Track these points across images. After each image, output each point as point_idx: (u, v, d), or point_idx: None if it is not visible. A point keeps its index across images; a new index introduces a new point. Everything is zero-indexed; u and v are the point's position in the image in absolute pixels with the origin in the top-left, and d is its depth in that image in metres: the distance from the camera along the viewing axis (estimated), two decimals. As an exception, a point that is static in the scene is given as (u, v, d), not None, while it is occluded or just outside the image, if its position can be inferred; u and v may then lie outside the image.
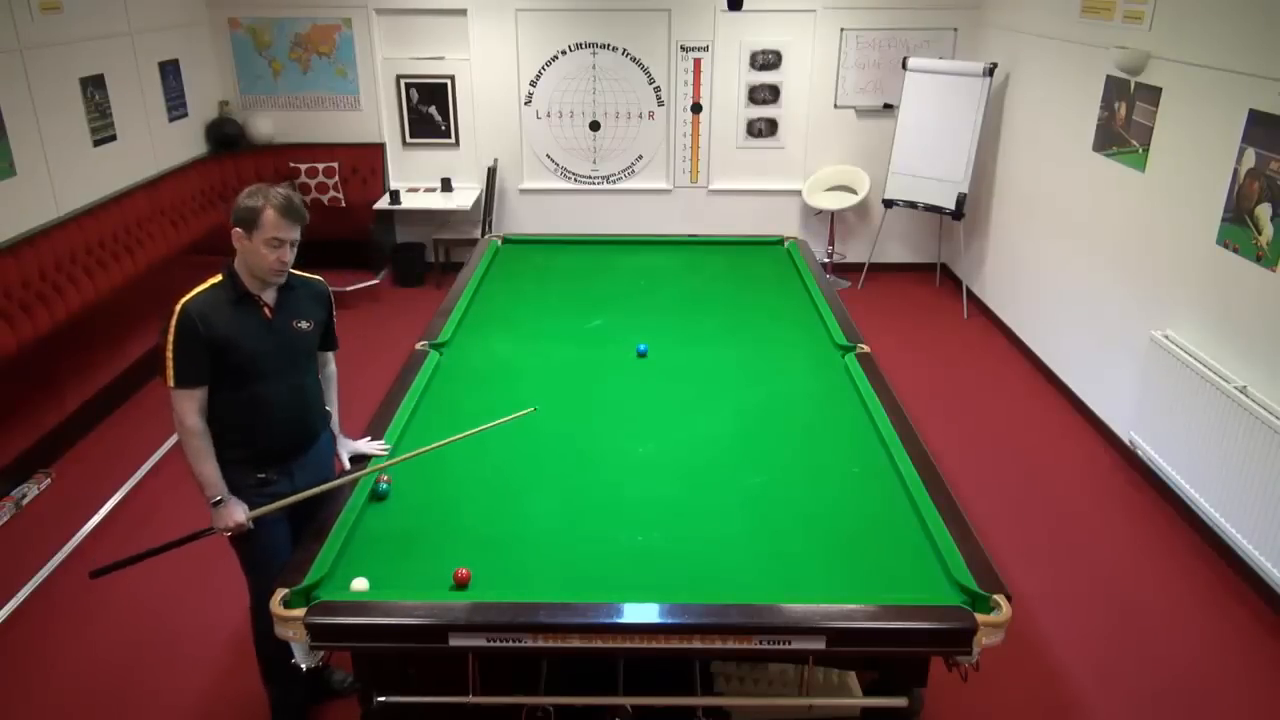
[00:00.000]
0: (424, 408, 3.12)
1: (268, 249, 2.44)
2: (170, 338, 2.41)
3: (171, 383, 2.44)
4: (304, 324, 2.63)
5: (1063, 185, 5.32)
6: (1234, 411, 3.62)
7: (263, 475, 2.57)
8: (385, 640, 2.16)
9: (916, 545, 2.43)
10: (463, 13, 6.73)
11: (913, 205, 6.66)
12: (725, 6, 5.95)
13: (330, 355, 2.88)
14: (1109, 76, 4.73)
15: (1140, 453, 4.34)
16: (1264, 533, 3.48)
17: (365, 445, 2.80)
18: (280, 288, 2.56)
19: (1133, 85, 4.51)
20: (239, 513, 2.49)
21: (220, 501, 2.48)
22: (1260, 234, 3.59)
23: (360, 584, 2.22)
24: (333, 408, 2.83)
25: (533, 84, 6.92)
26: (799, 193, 7.11)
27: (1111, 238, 4.75)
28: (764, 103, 6.97)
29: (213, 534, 2.53)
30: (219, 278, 2.51)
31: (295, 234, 2.49)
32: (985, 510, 4.13)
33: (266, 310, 2.54)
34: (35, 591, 3.62)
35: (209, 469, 2.48)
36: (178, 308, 2.43)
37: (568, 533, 2.48)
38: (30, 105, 4.75)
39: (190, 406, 2.45)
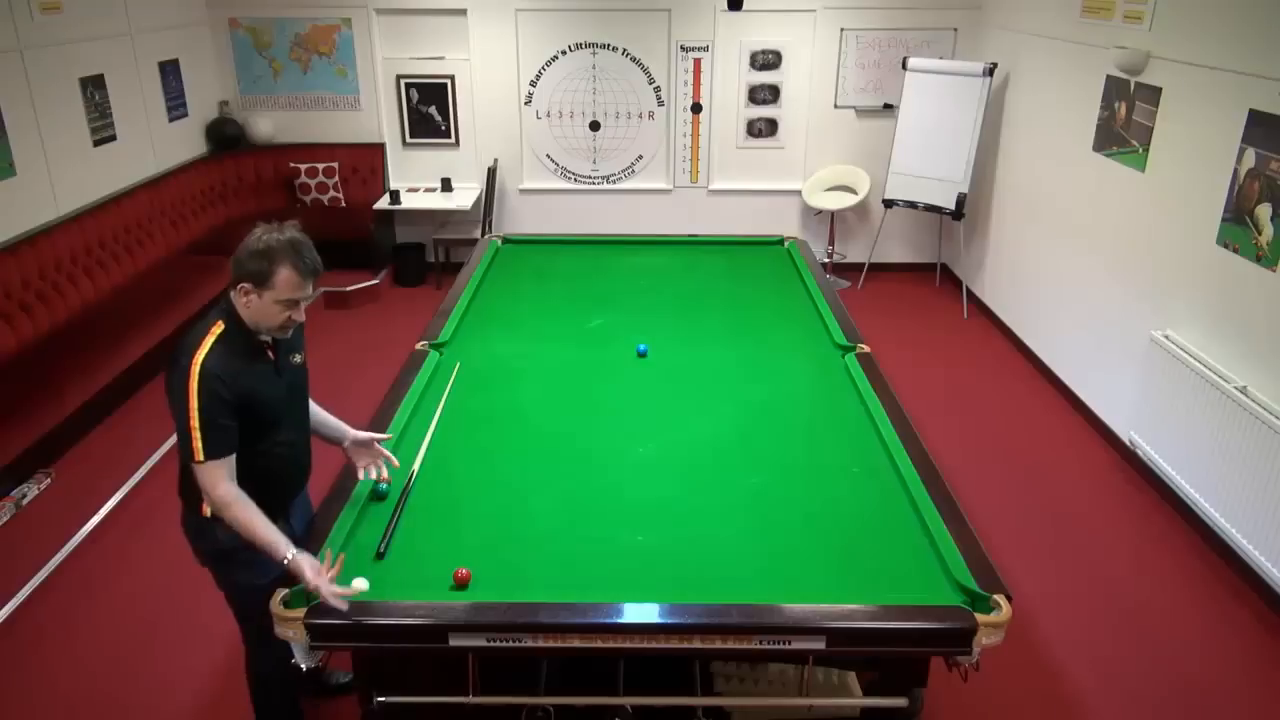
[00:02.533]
0: (423, 408, 3.11)
1: (280, 308, 2.22)
2: (194, 404, 2.12)
3: (201, 457, 2.13)
4: (297, 358, 2.47)
5: (1063, 185, 5.32)
6: (1234, 411, 3.62)
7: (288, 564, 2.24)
8: (385, 640, 2.16)
9: (916, 545, 2.43)
10: (463, 13, 6.73)
11: (913, 205, 6.66)
12: (725, 6, 5.96)
13: None
14: (1109, 76, 4.73)
15: (1140, 453, 4.34)
16: (1264, 533, 3.48)
17: (368, 434, 2.61)
18: None
19: (1133, 85, 4.51)
20: (308, 569, 2.14)
21: (291, 559, 2.15)
22: (1260, 234, 3.59)
23: (360, 584, 2.21)
24: (325, 414, 2.67)
25: (533, 84, 6.92)
26: (799, 193, 7.11)
27: (1111, 238, 4.75)
28: (764, 103, 6.97)
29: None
30: (220, 326, 2.24)
31: (310, 290, 2.24)
32: (985, 510, 4.13)
33: (270, 354, 2.35)
34: (35, 592, 3.61)
35: (267, 529, 2.18)
36: (194, 369, 2.14)
37: (567, 533, 2.48)
38: (30, 105, 4.75)
39: (223, 475, 2.17)
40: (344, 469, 2.70)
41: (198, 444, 2.14)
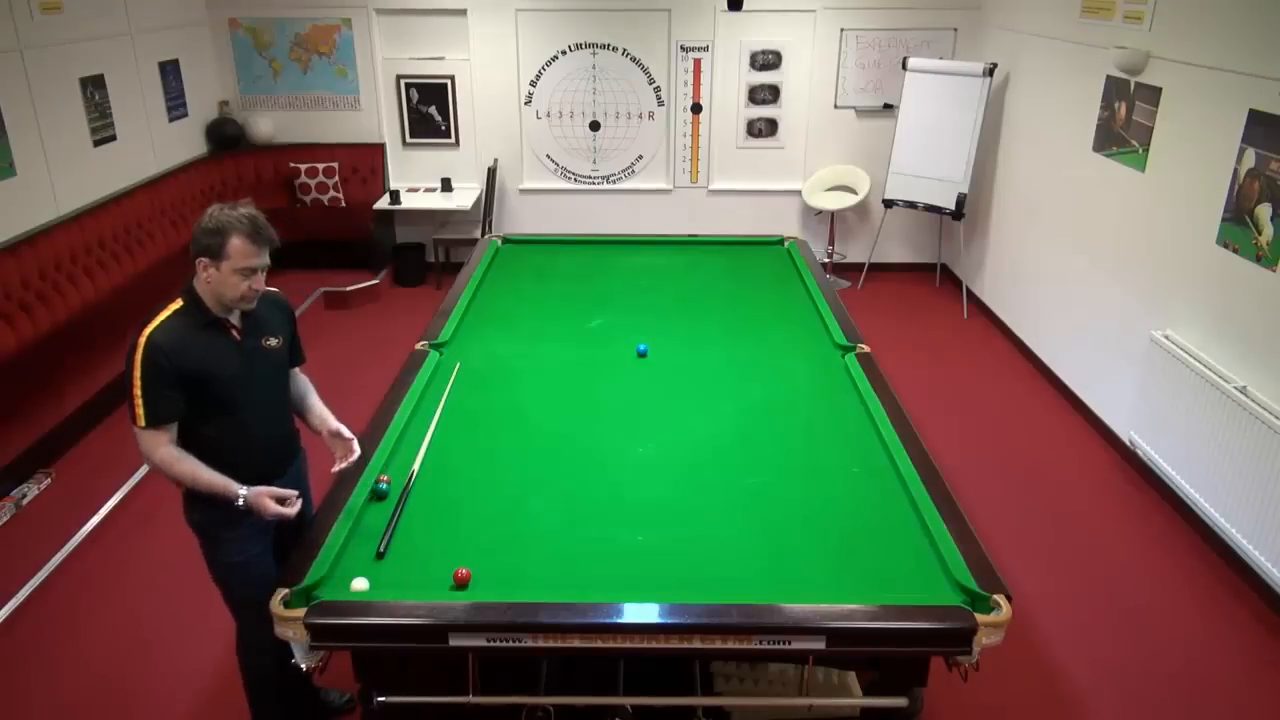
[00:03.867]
0: (423, 408, 3.11)
1: (239, 278, 2.28)
2: (137, 373, 2.23)
3: (142, 423, 2.25)
4: (273, 341, 2.49)
5: (1063, 185, 5.32)
6: (1234, 411, 3.62)
7: (241, 508, 2.35)
8: (385, 640, 2.16)
9: (916, 545, 2.43)
10: (463, 13, 6.73)
11: (913, 205, 6.66)
12: (725, 6, 5.96)
13: (297, 370, 2.69)
14: (1109, 76, 4.73)
15: (1140, 453, 4.34)
16: (1264, 533, 3.48)
17: (335, 431, 2.55)
18: None
19: (1133, 85, 4.51)
20: (266, 499, 2.30)
21: (244, 498, 2.30)
22: (1260, 234, 3.59)
23: (360, 584, 2.21)
24: (318, 403, 2.66)
25: (533, 84, 6.92)
26: (799, 193, 7.12)
27: (1111, 238, 4.75)
28: (764, 103, 6.97)
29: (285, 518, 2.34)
30: (179, 303, 2.34)
31: (266, 259, 2.32)
32: (985, 510, 4.13)
33: (235, 332, 2.39)
34: (35, 591, 3.61)
35: (209, 475, 2.30)
36: (141, 340, 2.25)
37: (568, 533, 2.48)
38: (30, 105, 4.76)
39: (162, 441, 2.29)
40: (342, 471, 2.70)
41: (139, 410, 2.25)
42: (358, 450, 2.52)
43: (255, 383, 2.45)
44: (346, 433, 2.54)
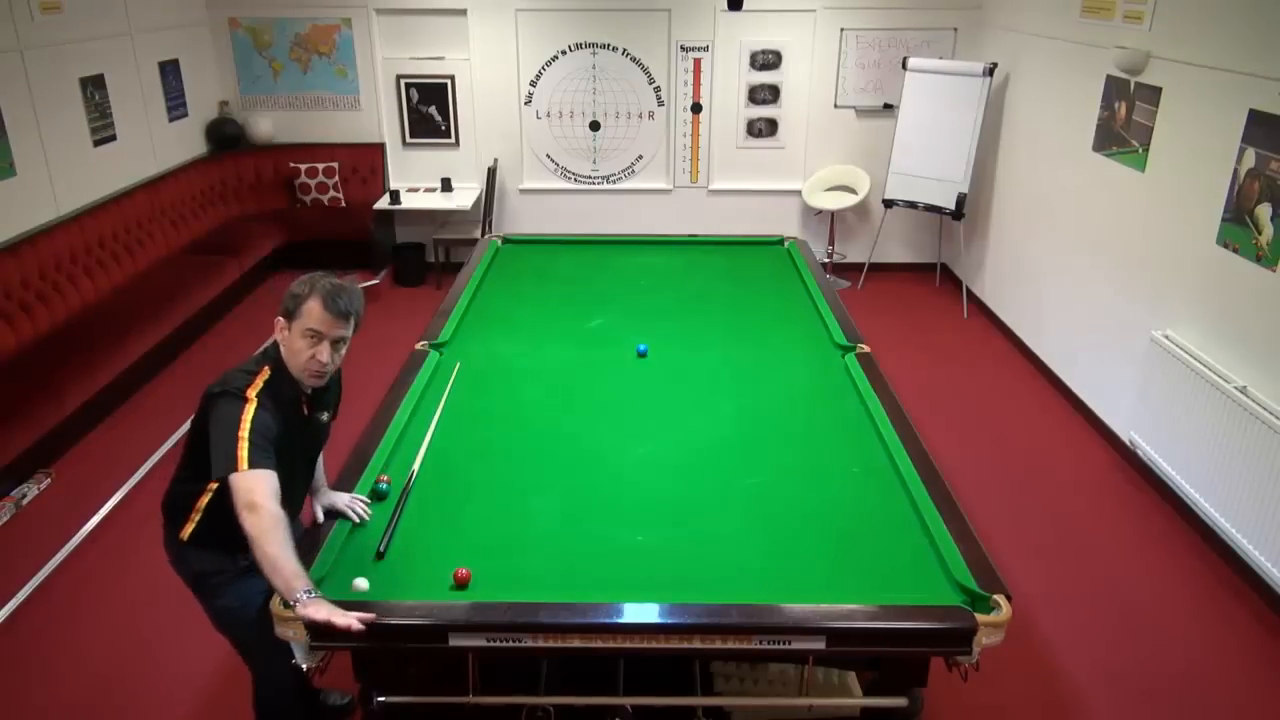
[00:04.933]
0: (423, 408, 3.11)
1: (304, 342, 2.20)
2: (246, 426, 2.11)
3: (245, 465, 2.07)
4: (325, 415, 2.48)
5: (1063, 185, 5.32)
6: (1234, 411, 3.62)
7: (248, 562, 2.20)
8: (385, 640, 2.16)
9: (916, 545, 2.43)
10: (463, 13, 6.73)
11: (913, 205, 6.66)
12: (725, 6, 5.95)
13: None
14: (1109, 76, 4.73)
15: (1140, 453, 4.34)
16: (1264, 533, 3.48)
17: (345, 501, 2.50)
18: None
19: (1133, 85, 4.51)
20: (326, 612, 2.00)
21: (302, 600, 2.00)
22: (1260, 234, 3.59)
23: (360, 584, 2.21)
24: (320, 460, 2.60)
25: (533, 84, 6.92)
26: (799, 193, 7.12)
27: (1111, 238, 4.75)
28: (764, 103, 6.97)
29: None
30: (268, 373, 2.24)
31: (340, 331, 2.22)
32: (985, 510, 4.13)
33: (305, 407, 2.36)
34: (35, 592, 3.61)
35: (291, 564, 2.03)
36: (252, 395, 2.16)
37: (568, 533, 2.48)
38: (30, 105, 4.76)
39: (264, 485, 2.07)
40: (342, 471, 2.70)
41: (242, 453, 2.09)
42: (361, 509, 2.49)
43: (305, 457, 2.44)
44: (341, 504, 2.49)
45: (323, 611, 1.98)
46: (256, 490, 2.05)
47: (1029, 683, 3.19)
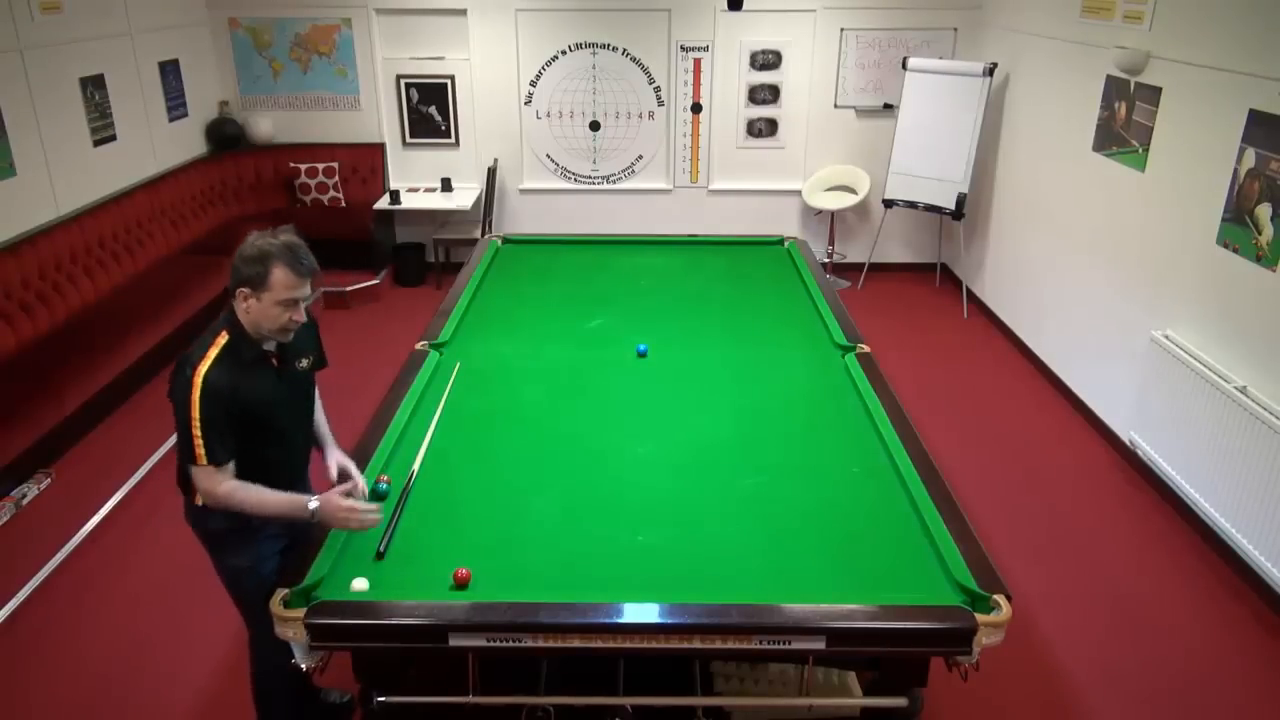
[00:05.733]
0: (424, 408, 3.11)
1: (280, 309, 2.25)
2: (196, 414, 2.19)
3: (204, 461, 2.21)
4: (304, 362, 2.51)
5: (1063, 185, 5.32)
6: (1234, 411, 3.62)
7: (260, 521, 2.41)
8: (385, 640, 2.16)
9: (916, 545, 2.43)
10: (463, 13, 6.73)
11: (913, 205, 6.66)
12: (725, 6, 5.95)
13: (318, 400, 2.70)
14: (1109, 76, 4.73)
15: (1140, 453, 4.34)
16: (1264, 533, 3.48)
17: (352, 467, 2.55)
18: None
19: (1133, 85, 4.51)
20: (338, 500, 2.26)
21: (316, 507, 2.25)
22: (1260, 234, 3.59)
23: (360, 584, 2.22)
24: (322, 417, 2.70)
25: (533, 84, 6.92)
26: (799, 193, 7.11)
27: (1111, 238, 4.75)
28: (764, 103, 6.97)
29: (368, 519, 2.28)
30: (225, 338, 2.28)
31: (308, 289, 2.28)
32: (985, 510, 4.13)
33: (274, 360, 2.39)
34: (35, 591, 3.61)
35: (276, 498, 2.28)
36: (196, 380, 2.19)
37: (568, 533, 2.48)
38: (30, 105, 4.76)
39: (223, 478, 2.26)
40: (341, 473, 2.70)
41: (199, 449, 2.22)
42: (363, 486, 2.49)
43: (293, 406, 2.48)
44: (354, 471, 2.53)
45: (341, 510, 2.24)
46: (215, 484, 2.26)
47: (1029, 683, 3.19)
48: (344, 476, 2.51)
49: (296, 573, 2.24)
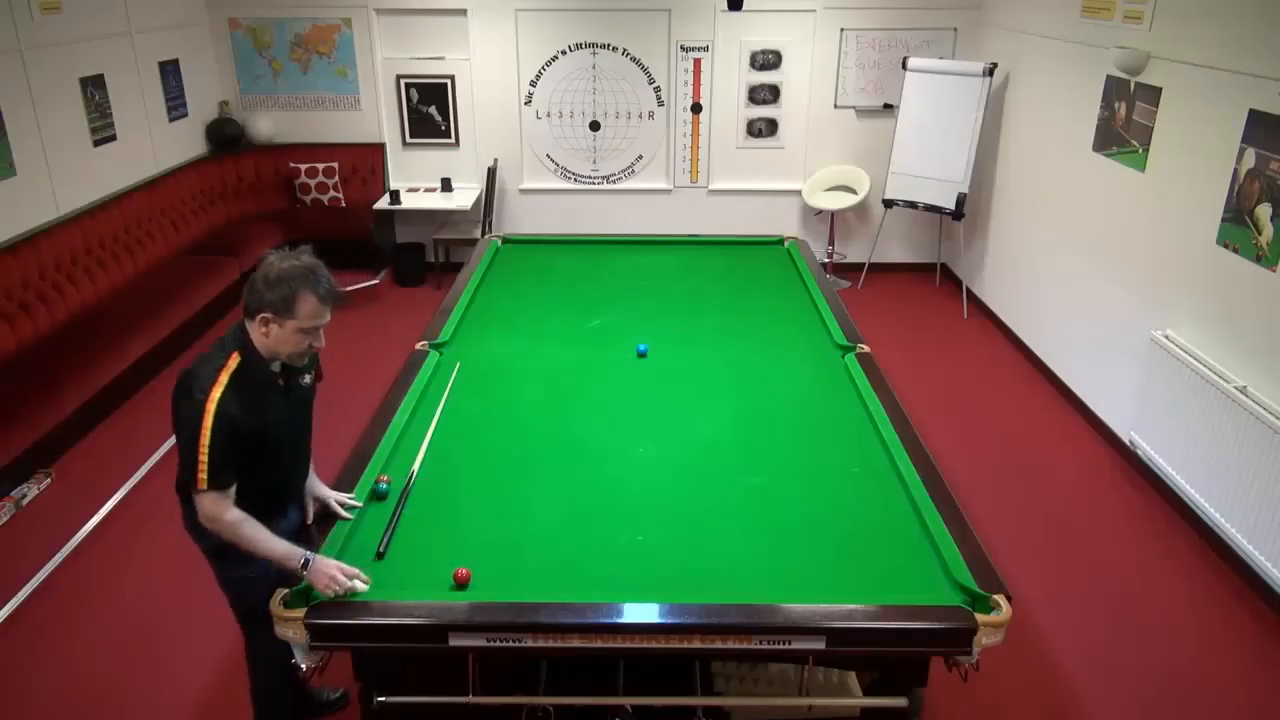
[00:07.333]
0: (423, 408, 3.11)
1: (302, 337, 2.22)
2: (205, 439, 2.13)
3: (205, 485, 2.16)
4: (307, 378, 2.46)
5: (1063, 185, 5.32)
6: (1234, 411, 3.62)
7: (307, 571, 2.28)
8: (385, 640, 2.16)
9: (916, 545, 2.43)
10: (463, 13, 6.73)
11: (913, 205, 6.66)
12: (725, 6, 5.95)
13: None
14: (1109, 76, 4.73)
15: (1140, 453, 4.34)
16: (1264, 533, 3.48)
17: (334, 497, 2.53)
18: None
19: (1133, 85, 4.51)
20: (335, 570, 2.18)
21: (308, 563, 2.19)
22: (1260, 234, 3.59)
23: (360, 584, 2.21)
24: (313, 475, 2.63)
25: (533, 84, 6.92)
26: (799, 193, 7.11)
27: (1111, 238, 4.75)
28: (764, 103, 6.97)
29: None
30: (237, 361, 2.21)
31: (329, 316, 2.25)
32: (985, 510, 4.13)
33: (280, 380, 2.35)
34: (35, 591, 3.61)
35: (275, 542, 2.23)
36: (210, 405, 2.13)
37: (568, 533, 2.48)
38: (30, 105, 4.76)
39: (227, 504, 2.21)
40: (342, 471, 2.70)
41: (203, 474, 2.16)
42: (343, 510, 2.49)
43: (294, 423, 2.45)
44: (334, 506, 2.50)
45: (330, 571, 2.17)
46: (220, 511, 2.21)
47: (1029, 683, 3.19)
48: (322, 515, 2.48)
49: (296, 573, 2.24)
